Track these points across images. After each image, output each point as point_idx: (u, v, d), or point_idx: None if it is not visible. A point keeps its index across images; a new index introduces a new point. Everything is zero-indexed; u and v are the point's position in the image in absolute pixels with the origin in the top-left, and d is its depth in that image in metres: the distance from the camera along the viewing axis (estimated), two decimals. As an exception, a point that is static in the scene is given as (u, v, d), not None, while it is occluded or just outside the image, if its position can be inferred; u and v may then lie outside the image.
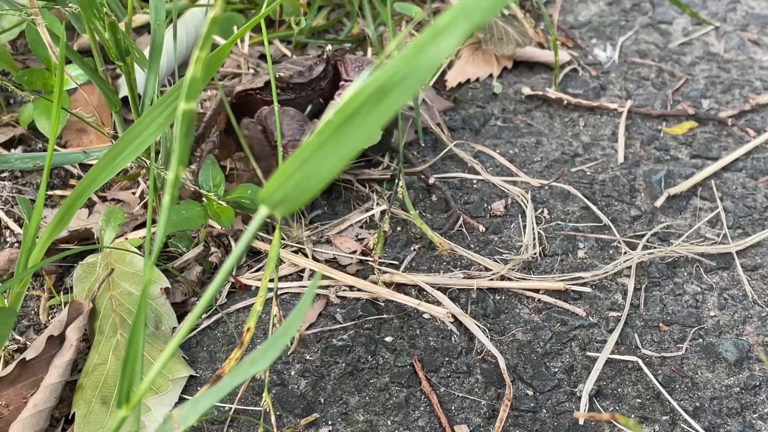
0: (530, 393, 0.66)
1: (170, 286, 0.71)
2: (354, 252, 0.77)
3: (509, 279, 0.74)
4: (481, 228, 0.80)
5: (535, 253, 0.77)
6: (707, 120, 0.94)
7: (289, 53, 1.01)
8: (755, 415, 0.64)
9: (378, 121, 0.28)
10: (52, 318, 0.71)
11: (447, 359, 0.68)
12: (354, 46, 1.04)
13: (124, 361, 0.35)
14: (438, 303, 0.72)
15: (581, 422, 0.63)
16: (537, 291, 0.73)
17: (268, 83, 0.77)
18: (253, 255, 0.77)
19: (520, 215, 0.81)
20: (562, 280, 0.74)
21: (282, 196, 0.31)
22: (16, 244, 0.77)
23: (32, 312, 0.72)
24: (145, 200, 0.81)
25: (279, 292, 0.73)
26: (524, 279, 0.74)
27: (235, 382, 0.33)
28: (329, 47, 0.79)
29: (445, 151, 0.88)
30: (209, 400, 0.33)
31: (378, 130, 0.29)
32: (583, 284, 0.74)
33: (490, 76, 1.01)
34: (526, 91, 0.98)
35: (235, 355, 0.55)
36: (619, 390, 0.66)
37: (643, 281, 0.75)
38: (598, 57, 1.05)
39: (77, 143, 0.88)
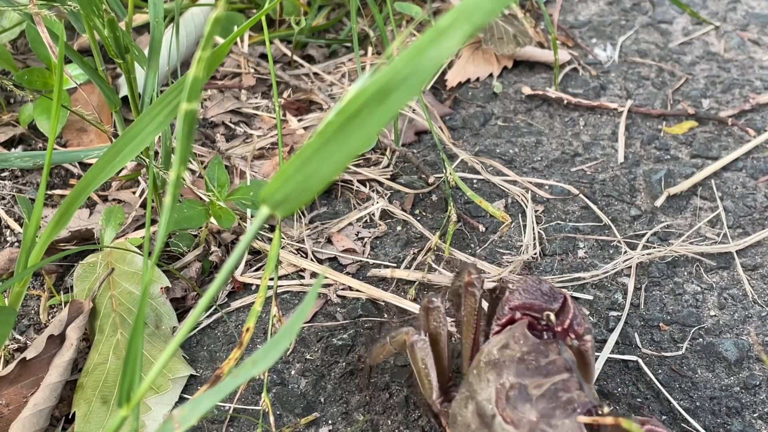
0: (530, 392, 0.66)
1: (170, 285, 0.71)
2: (350, 250, 0.77)
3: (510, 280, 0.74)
4: (481, 228, 0.79)
5: (535, 253, 0.77)
6: (707, 119, 0.94)
7: (289, 53, 1.01)
8: (755, 415, 0.64)
9: (379, 122, 0.28)
10: (52, 317, 0.71)
11: (447, 359, 0.68)
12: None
13: (125, 360, 0.35)
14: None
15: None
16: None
17: None
18: (254, 254, 0.77)
19: (520, 215, 0.81)
20: (561, 282, 0.74)
21: (283, 197, 0.31)
22: (16, 244, 0.77)
23: (32, 311, 0.72)
24: (145, 197, 0.80)
25: (279, 291, 0.73)
26: (524, 278, 0.74)
27: (237, 383, 0.33)
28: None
29: (445, 150, 0.88)
30: (210, 401, 0.33)
31: (379, 131, 0.29)
32: (583, 284, 0.74)
33: (490, 75, 1.01)
34: (527, 90, 0.97)
35: (235, 355, 0.55)
36: (619, 389, 0.66)
37: (643, 281, 0.75)
38: (598, 56, 1.05)
39: (77, 143, 0.88)
